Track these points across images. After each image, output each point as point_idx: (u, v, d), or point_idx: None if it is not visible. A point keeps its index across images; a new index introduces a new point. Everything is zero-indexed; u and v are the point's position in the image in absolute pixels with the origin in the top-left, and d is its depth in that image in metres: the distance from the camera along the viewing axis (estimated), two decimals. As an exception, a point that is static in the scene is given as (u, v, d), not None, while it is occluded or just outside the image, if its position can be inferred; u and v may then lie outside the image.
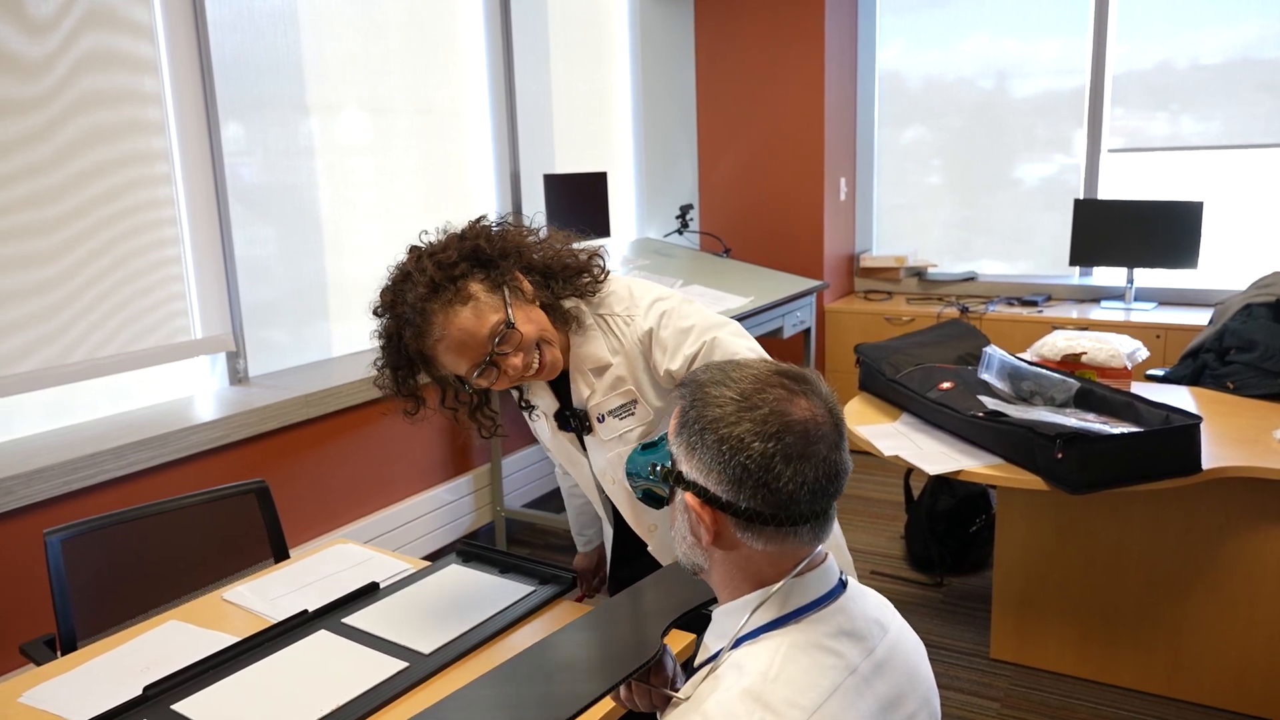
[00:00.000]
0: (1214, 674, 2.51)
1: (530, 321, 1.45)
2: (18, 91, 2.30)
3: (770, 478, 0.91)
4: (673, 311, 1.53)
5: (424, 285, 1.38)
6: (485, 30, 3.83)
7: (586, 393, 1.55)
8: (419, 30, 3.52)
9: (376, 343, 1.48)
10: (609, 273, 1.58)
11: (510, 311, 1.41)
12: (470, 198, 3.83)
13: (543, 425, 1.67)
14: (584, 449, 1.63)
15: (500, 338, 1.40)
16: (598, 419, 1.56)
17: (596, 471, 1.62)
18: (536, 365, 1.46)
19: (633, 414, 1.54)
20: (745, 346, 1.49)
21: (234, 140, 2.85)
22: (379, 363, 1.48)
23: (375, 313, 1.47)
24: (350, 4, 3.23)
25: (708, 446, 0.93)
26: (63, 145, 2.40)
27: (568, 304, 1.52)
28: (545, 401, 1.62)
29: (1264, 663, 2.45)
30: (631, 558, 1.72)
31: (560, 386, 1.60)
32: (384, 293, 1.45)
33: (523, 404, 1.67)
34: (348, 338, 3.34)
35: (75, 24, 2.40)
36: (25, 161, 2.33)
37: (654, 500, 1.03)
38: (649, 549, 1.65)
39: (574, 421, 1.58)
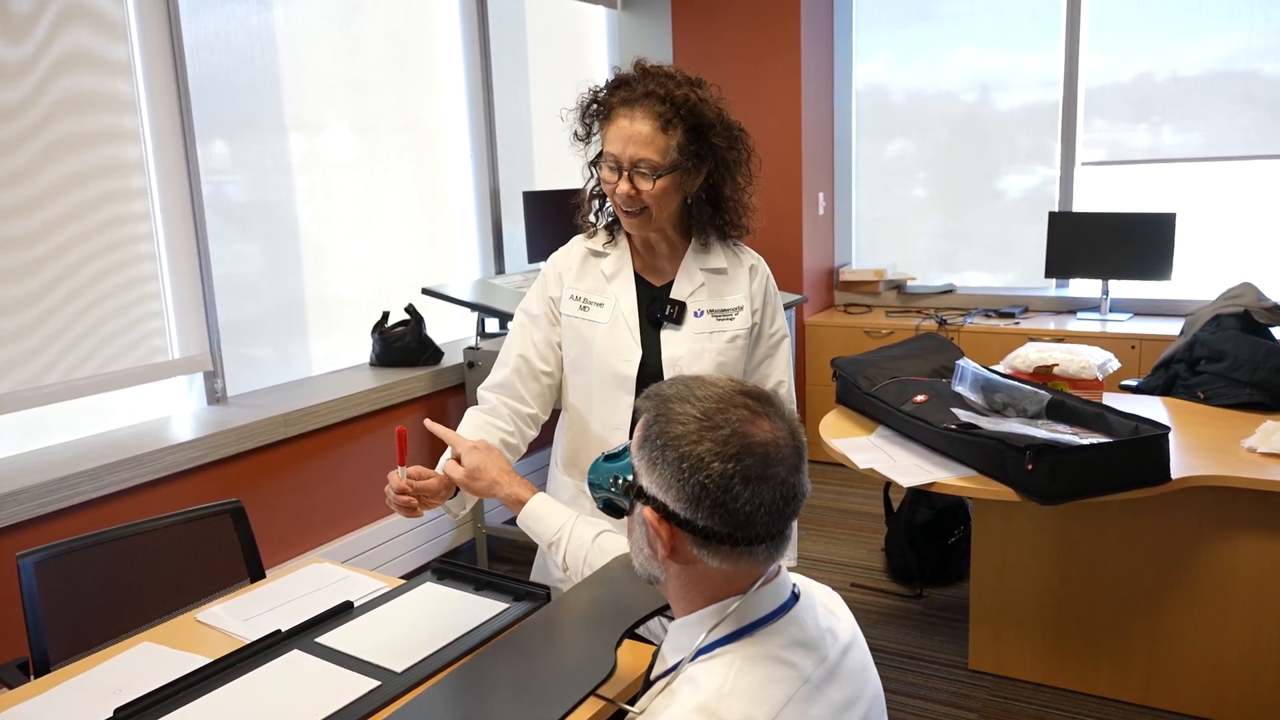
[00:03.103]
0: (1189, 682, 2.54)
1: (662, 193, 1.63)
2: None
3: (728, 498, 0.92)
4: (774, 284, 1.85)
5: (660, 84, 1.61)
6: (464, 48, 3.85)
7: (690, 289, 1.74)
8: (398, 49, 3.54)
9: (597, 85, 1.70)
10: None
11: (663, 173, 1.61)
12: (450, 214, 3.85)
13: (596, 318, 1.75)
14: (647, 341, 1.74)
15: (640, 168, 1.60)
16: (694, 313, 1.73)
17: (666, 357, 1.72)
18: (629, 208, 1.65)
19: (732, 319, 1.74)
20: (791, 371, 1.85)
21: (212, 158, 2.86)
22: (582, 97, 1.69)
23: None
24: (328, 24, 3.25)
25: (668, 463, 0.94)
26: (34, 157, 2.40)
27: (706, 225, 1.74)
28: (626, 296, 1.75)
29: (1238, 670, 2.47)
30: None
31: (640, 284, 1.77)
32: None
33: (577, 300, 1.78)
34: (327, 355, 3.34)
35: (50, 25, 2.40)
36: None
37: (614, 511, 1.05)
38: None
39: (671, 308, 1.72)
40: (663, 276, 1.77)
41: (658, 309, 1.74)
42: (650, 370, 1.72)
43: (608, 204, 1.78)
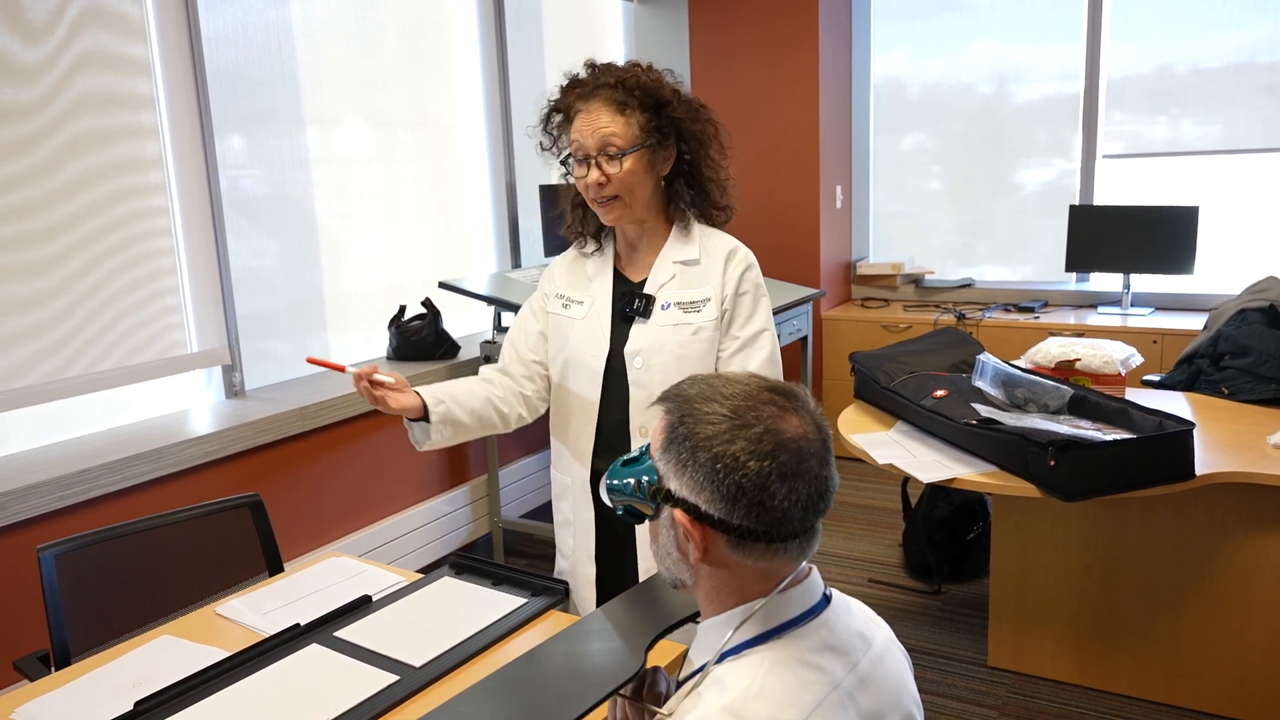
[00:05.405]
0: (1211, 680, 2.51)
1: (633, 174, 1.64)
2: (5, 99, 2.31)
3: (765, 496, 0.91)
4: (758, 275, 1.76)
5: (610, 74, 1.65)
6: (480, 42, 3.84)
7: (662, 282, 1.72)
8: (414, 43, 3.54)
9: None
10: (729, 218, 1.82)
11: (629, 151, 1.62)
12: (466, 208, 3.85)
13: (574, 314, 1.78)
14: (617, 335, 1.74)
15: (606, 150, 1.62)
16: (662, 306, 1.71)
17: (628, 350, 1.71)
18: (600, 196, 1.65)
19: (699, 312, 1.70)
20: (775, 361, 1.73)
21: (229, 152, 2.86)
22: (542, 110, 1.76)
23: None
24: (345, 18, 3.25)
25: (700, 465, 0.92)
26: (54, 154, 2.41)
27: (687, 208, 1.74)
28: (604, 292, 1.76)
29: (1260, 668, 2.44)
30: (621, 538, 1.78)
31: (620, 280, 1.78)
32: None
33: (561, 298, 1.81)
34: (345, 349, 3.34)
35: (70, 25, 2.41)
36: (14, 170, 2.33)
37: (634, 516, 1.02)
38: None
39: (639, 302, 1.71)
40: (642, 271, 1.77)
41: (630, 303, 1.74)
42: (616, 364, 1.73)
43: (589, 212, 1.78)
